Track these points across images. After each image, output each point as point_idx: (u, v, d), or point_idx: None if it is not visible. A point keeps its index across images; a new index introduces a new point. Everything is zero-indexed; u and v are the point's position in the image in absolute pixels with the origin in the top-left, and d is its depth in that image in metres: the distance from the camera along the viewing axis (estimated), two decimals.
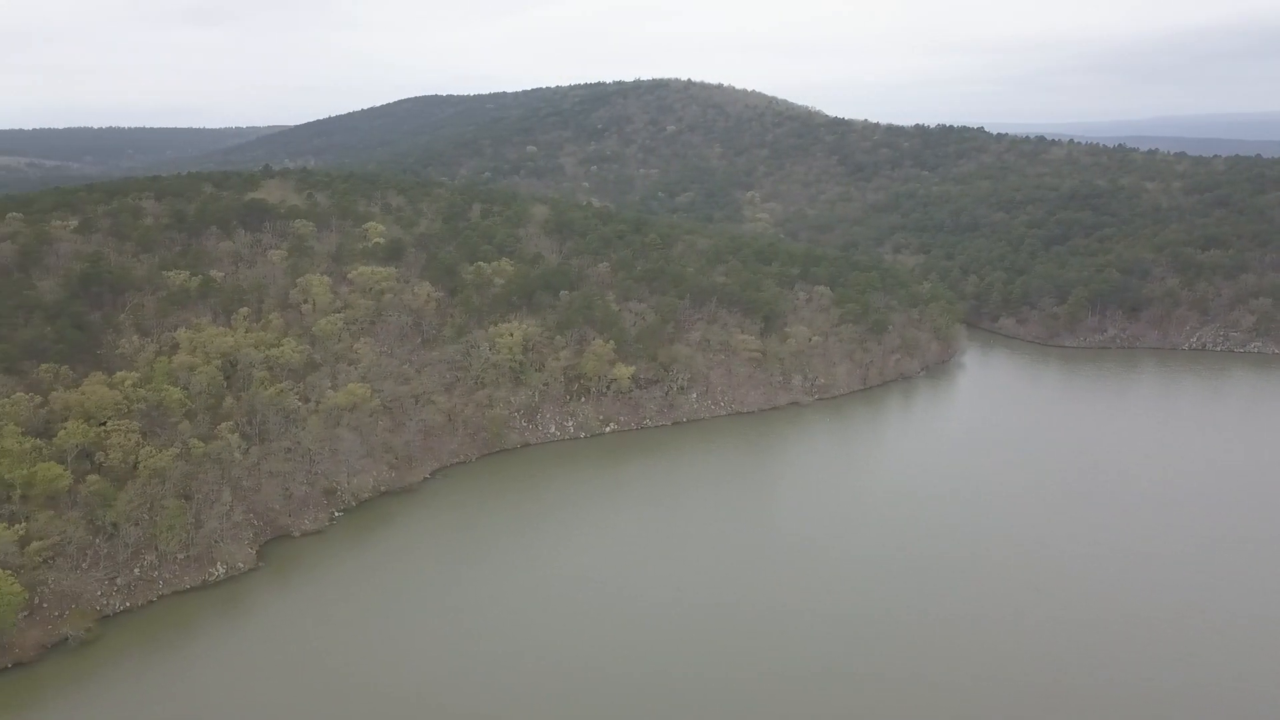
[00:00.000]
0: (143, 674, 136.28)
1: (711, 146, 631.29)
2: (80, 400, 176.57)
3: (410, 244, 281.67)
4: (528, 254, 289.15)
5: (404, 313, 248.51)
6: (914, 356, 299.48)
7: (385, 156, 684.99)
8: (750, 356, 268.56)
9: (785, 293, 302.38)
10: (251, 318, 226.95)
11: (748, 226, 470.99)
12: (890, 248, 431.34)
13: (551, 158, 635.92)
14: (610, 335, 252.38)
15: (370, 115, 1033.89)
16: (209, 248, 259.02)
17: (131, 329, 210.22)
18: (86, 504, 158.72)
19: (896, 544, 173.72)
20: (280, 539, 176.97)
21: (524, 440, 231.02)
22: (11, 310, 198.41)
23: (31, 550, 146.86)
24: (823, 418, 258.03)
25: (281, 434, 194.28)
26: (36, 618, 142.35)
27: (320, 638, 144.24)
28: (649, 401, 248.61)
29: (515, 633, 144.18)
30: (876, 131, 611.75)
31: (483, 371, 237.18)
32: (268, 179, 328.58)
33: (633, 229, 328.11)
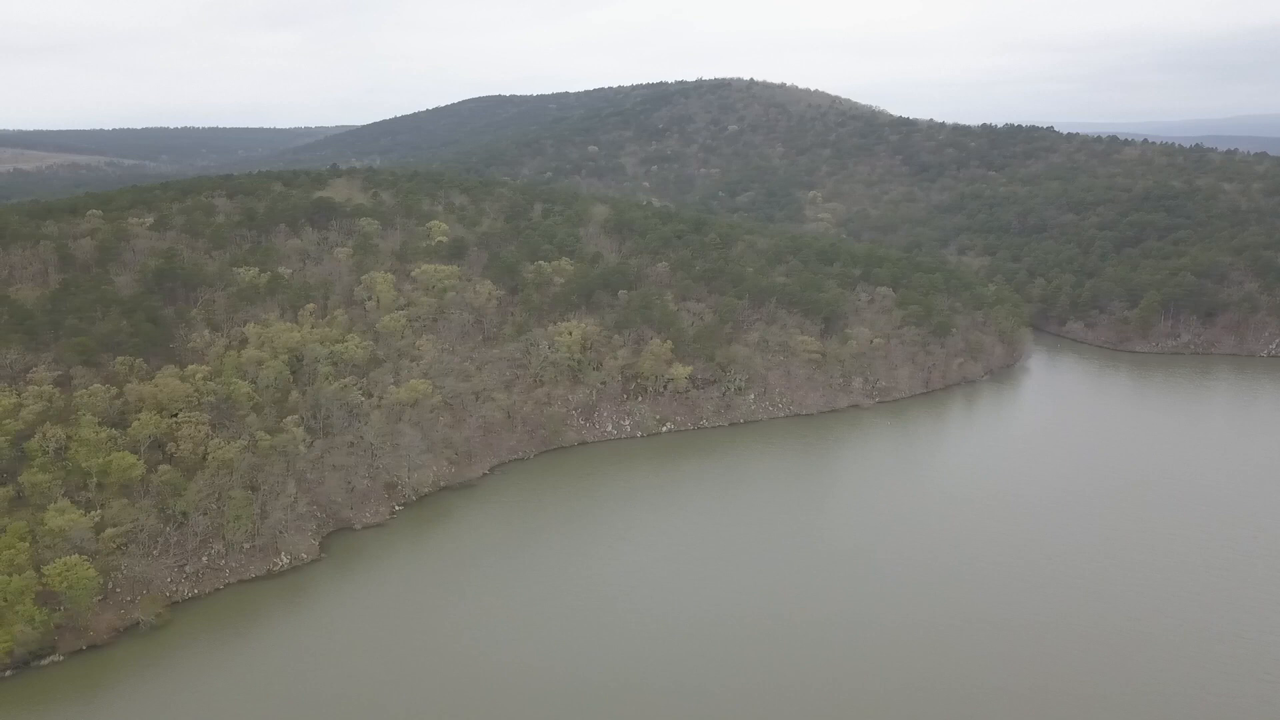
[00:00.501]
0: (210, 659, 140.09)
1: (773, 146, 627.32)
2: (153, 392, 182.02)
3: (473, 243, 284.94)
4: (587, 253, 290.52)
5: (465, 310, 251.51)
6: (978, 360, 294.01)
7: (449, 156, 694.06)
8: (810, 358, 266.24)
9: (846, 294, 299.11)
10: (317, 314, 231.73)
11: (809, 226, 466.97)
12: (955, 249, 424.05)
13: (612, 157, 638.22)
14: (668, 335, 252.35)
15: (435, 115, 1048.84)
16: (278, 245, 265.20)
17: (203, 324, 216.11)
18: (158, 493, 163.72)
19: (956, 552, 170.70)
20: (342, 531, 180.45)
21: (581, 438, 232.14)
22: (90, 304, 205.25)
23: (106, 537, 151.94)
24: (883, 421, 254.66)
25: (345, 428, 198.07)
26: (110, 602, 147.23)
27: (380, 628, 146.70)
28: (706, 402, 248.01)
29: (569, 629, 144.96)
30: (942, 131, 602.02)
31: (542, 369, 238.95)
32: (335, 178, 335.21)
33: (692, 229, 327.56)
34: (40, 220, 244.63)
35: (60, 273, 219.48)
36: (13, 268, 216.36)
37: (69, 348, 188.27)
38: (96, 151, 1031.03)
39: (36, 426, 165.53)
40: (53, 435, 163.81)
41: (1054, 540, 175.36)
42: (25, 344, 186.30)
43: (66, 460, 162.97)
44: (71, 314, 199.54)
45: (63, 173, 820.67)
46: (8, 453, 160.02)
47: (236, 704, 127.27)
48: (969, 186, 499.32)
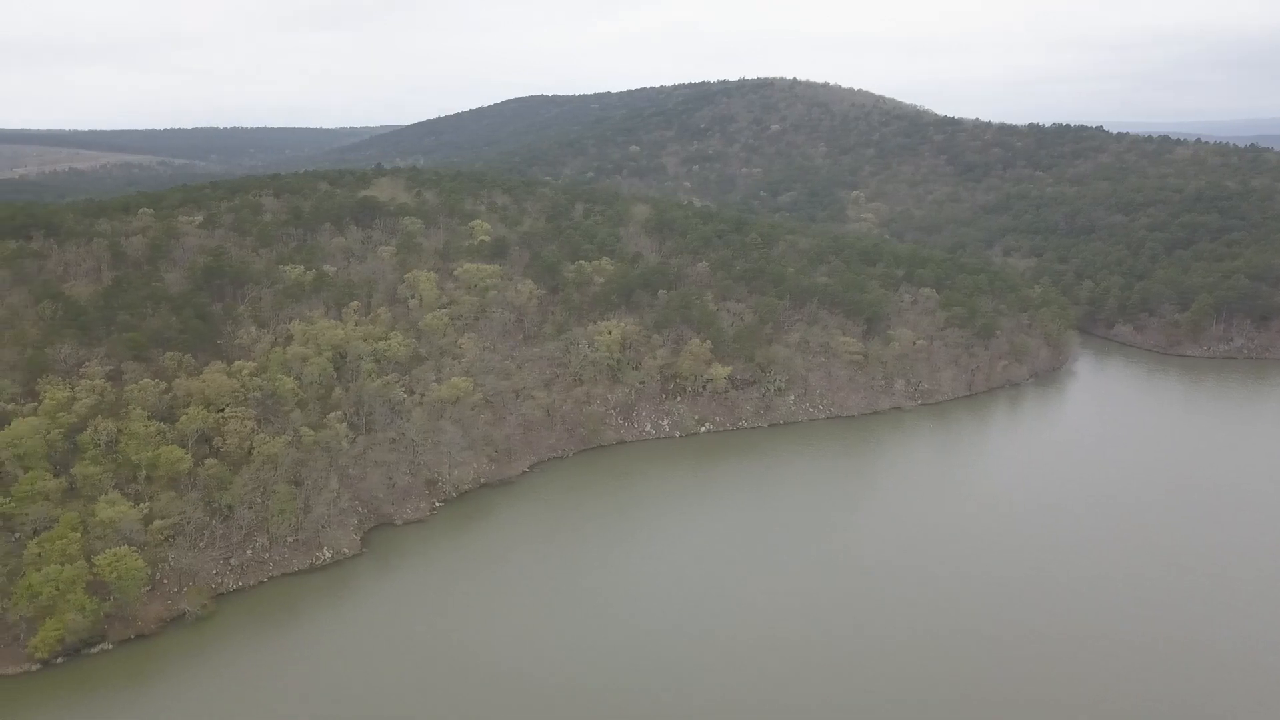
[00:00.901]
0: (254, 650, 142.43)
1: (816, 146, 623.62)
2: (201, 387, 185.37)
3: (514, 242, 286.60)
4: (628, 253, 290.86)
5: (507, 309, 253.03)
6: (1023, 363, 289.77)
7: (492, 156, 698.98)
8: (851, 359, 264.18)
9: (889, 294, 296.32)
10: (361, 311, 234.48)
11: (851, 226, 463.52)
12: (1000, 250, 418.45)
13: (654, 157, 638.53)
14: (708, 335, 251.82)
15: (478, 115, 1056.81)
16: (323, 243, 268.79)
17: (249, 320, 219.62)
18: (205, 486, 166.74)
19: (998, 559, 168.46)
20: (383, 526, 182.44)
21: (620, 437, 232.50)
22: (141, 301, 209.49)
23: (154, 528, 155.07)
24: (925, 424, 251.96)
25: (387, 425, 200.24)
26: (157, 593, 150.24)
27: (420, 623, 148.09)
28: (745, 402, 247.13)
29: (606, 629, 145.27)
30: (988, 131, 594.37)
31: (581, 368, 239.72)
32: (379, 177, 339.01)
33: (733, 228, 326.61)
34: (94, 218, 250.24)
35: (113, 270, 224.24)
36: (67, 265, 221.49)
37: (120, 343, 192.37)
38: (148, 151, 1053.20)
39: (89, 420, 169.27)
40: (104, 429, 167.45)
41: (1100, 548, 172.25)
42: (79, 339, 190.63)
43: (117, 453, 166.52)
44: (123, 310, 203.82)
45: (116, 172, 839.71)
46: (61, 445, 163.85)
47: (279, 695, 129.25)
48: (1015, 187, 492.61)
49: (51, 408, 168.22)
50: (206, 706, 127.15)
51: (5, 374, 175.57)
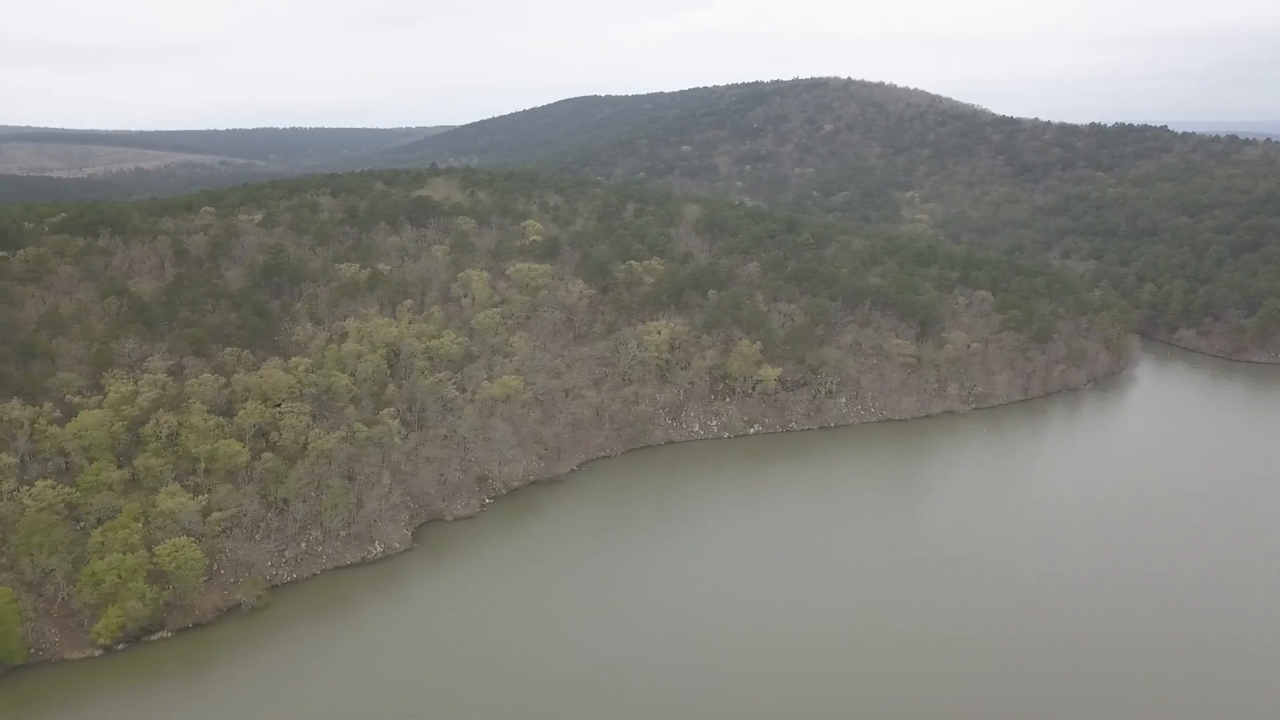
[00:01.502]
0: (308, 641, 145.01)
1: (870, 146, 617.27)
2: (259, 383, 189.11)
3: (566, 242, 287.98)
4: (678, 253, 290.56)
5: (557, 309, 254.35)
6: (1081, 367, 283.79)
7: (545, 156, 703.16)
8: (904, 362, 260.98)
9: (943, 297, 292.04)
10: (415, 310, 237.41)
11: (906, 227, 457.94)
12: (1059, 252, 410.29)
13: (706, 157, 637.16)
14: (758, 336, 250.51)
15: (532, 115, 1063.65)
16: (378, 242, 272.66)
17: (306, 317, 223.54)
18: (261, 480, 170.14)
19: (1053, 566, 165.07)
20: (434, 522, 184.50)
21: (668, 437, 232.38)
22: (202, 297, 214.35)
23: (212, 520, 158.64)
24: (980, 428, 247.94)
25: (439, 422, 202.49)
26: (214, 583, 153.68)
27: (468, 619, 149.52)
28: (795, 404, 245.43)
29: (654, 629, 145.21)
30: (1047, 130, 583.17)
31: (630, 368, 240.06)
32: (434, 177, 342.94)
33: (785, 228, 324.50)
34: (158, 217, 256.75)
35: (175, 267, 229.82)
36: (132, 262, 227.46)
37: (182, 339, 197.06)
38: (210, 151, 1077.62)
39: (151, 413, 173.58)
40: (165, 422, 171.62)
41: (1157, 556, 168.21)
42: (142, 334, 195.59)
43: (177, 446, 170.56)
44: (185, 306, 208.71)
45: (179, 171, 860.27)
46: (124, 437, 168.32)
47: (332, 686, 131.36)
48: (1075, 188, 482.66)
49: (116, 401, 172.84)
50: (261, 696, 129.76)
51: (73, 367, 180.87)
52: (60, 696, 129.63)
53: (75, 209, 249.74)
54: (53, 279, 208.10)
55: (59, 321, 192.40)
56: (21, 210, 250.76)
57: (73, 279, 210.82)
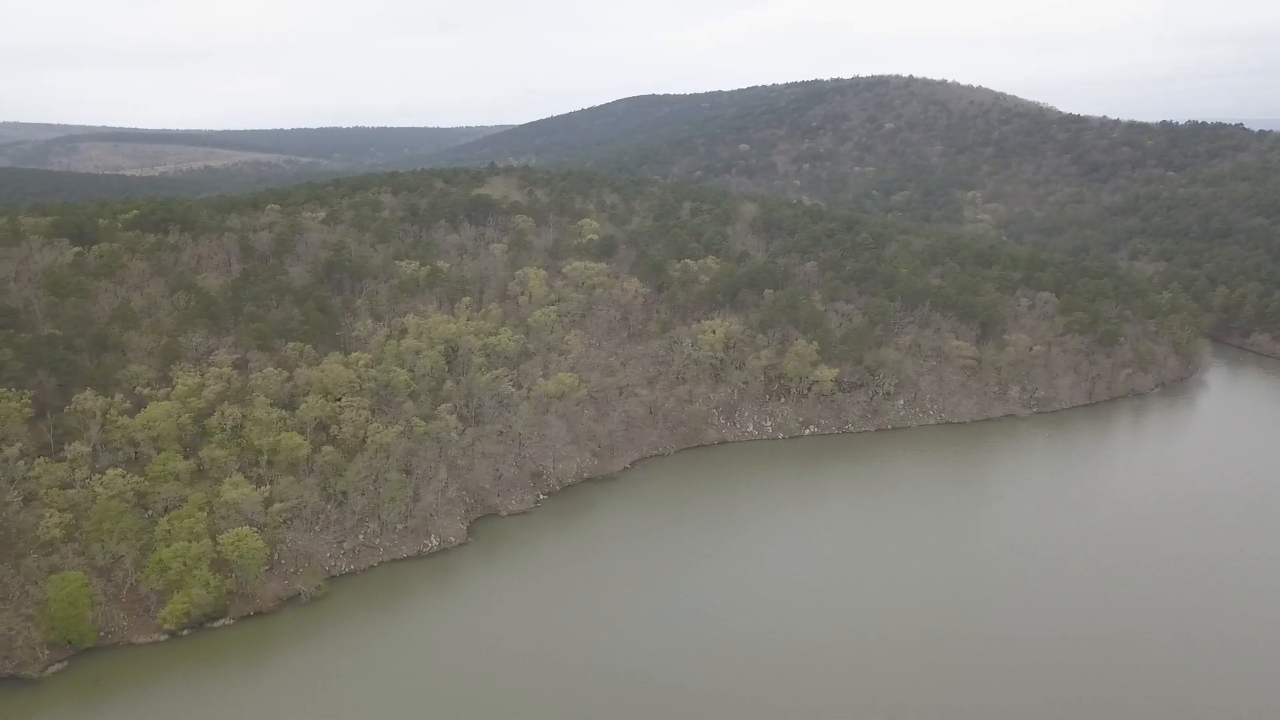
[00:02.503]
0: (365, 632, 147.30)
1: (932, 145, 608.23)
2: (320, 377, 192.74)
3: (622, 240, 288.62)
4: (734, 252, 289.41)
5: (613, 307, 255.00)
6: (1148, 372, 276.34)
7: (603, 155, 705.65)
8: (964, 364, 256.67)
9: (1005, 298, 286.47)
10: (473, 307, 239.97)
11: (967, 228, 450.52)
12: (1126, 254, 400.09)
13: (764, 156, 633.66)
14: (814, 336, 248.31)
15: (590, 115, 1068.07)
16: (437, 240, 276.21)
17: (366, 313, 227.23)
18: (321, 472, 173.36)
19: (1115, 575, 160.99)
20: (489, 517, 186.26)
21: (721, 437, 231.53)
22: (266, 293, 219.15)
23: (273, 511, 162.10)
24: (1041, 432, 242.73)
25: (495, 418, 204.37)
26: (275, 573, 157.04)
27: (522, 612, 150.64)
28: (852, 406, 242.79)
29: (708, 629, 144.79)
30: (1116, 129, 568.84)
31: (684, 367, 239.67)
32: (493, 176, 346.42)
33: (844, 228, 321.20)
34: (225, 214, 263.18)
35: (241, 263, 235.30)
36: (200, 258, 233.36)
37: (247, 333, 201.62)
38: (276, 150, 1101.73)
39: (216, 405, 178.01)
40: (230, 414, 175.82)
41: (1226, 568, 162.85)
42: (209, 329, 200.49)
43: (241, 438, 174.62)
44: (250, 301, 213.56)
45: (246, 170, 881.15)
46: (191, 429, 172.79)
47: (389, 675, 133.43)
48: (1145, 187, 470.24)
49: (183, 393, 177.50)
50: (319, 684, 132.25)
51: (143, 360, 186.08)
52: (128, 678, 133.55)
53: (147, 206, 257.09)
54: (125, 274, 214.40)
55: (130, 315, 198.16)
56: (96, 208, 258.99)
57: (144, 274, 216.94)
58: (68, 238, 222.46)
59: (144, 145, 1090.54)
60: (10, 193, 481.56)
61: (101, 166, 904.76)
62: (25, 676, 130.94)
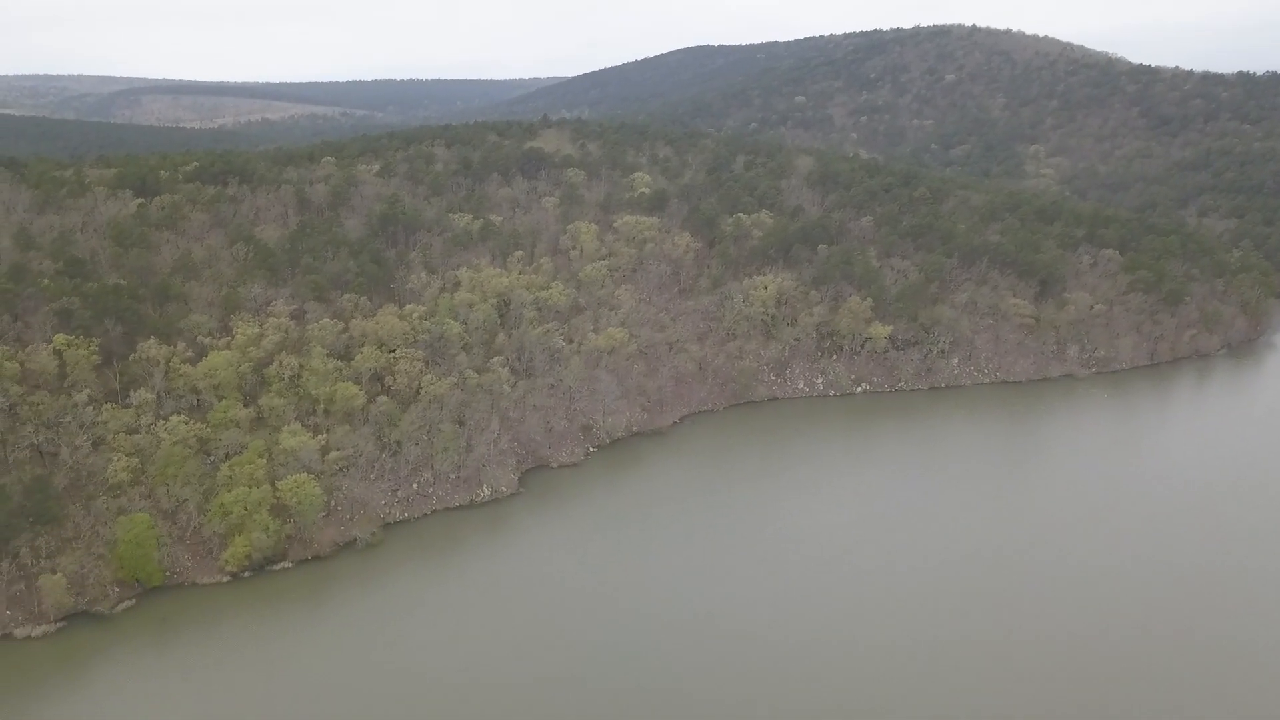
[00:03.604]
0: (419, 577, 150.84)
1: (994, 97, 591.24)
2: (375, 329, 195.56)
3: (674, 194, 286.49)
4: (788, 206, 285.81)
5: (664, 262, 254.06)
6: (1214, 332, 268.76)
7: (657, 107, 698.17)
8: (1022, 322, 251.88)
9: (1067, 255, 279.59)
10: (525, 260, 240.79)
11: (1029, 183, 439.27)
12: (1195, 210, 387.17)
13: (820, 108, 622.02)
14: (868, 292, 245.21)
15: (644, 66, 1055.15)
16: (490, 193, 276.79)
17: (420, 266, 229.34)
18: (376, 422, 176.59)
19: (1173, 543, 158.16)
20: (539, 469, 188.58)
21: (771, 394, 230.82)
22: (323, 245, 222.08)
23: (330, 459, 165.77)
24: (1100, 393, 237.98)
25: (546, 371, 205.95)
26: (332, 519, 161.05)
27: (571, 562, 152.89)
28: (905, 364, 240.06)
29: (755, 583, 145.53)
30: (1188, 80, 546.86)
31: (735, 323, 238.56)
32: (545, 129, 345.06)
33: (901, 182, 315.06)
34: (283, 166, 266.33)
35: (298, 215, 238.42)
36: (258, 209, 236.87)
37: (304, 285, 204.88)
38: (332, 103, 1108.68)
39: (275, 355, 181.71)
40: (288, 364, 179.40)
41: None
42: (267, 280, 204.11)
43: (299, 387, 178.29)
44: (307, 253, 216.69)
45: (303, 122, 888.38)
46: (250, 378, 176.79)
47: (441, 620, 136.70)
48: (1217, 142, 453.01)
49: (243, 343, 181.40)
50: (375, 627, 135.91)
51: (204, 310, 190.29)
52: (194, 616, 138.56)
53: (206, 159, 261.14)
54: (186, 225, 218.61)
55: (191, 266, 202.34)
56: (158, 160, 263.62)
57: (204, 226, 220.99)
58: (131, 189, 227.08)
59: (203, 98, 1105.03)
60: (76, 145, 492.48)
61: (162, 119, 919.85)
62: (97, 612, 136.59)
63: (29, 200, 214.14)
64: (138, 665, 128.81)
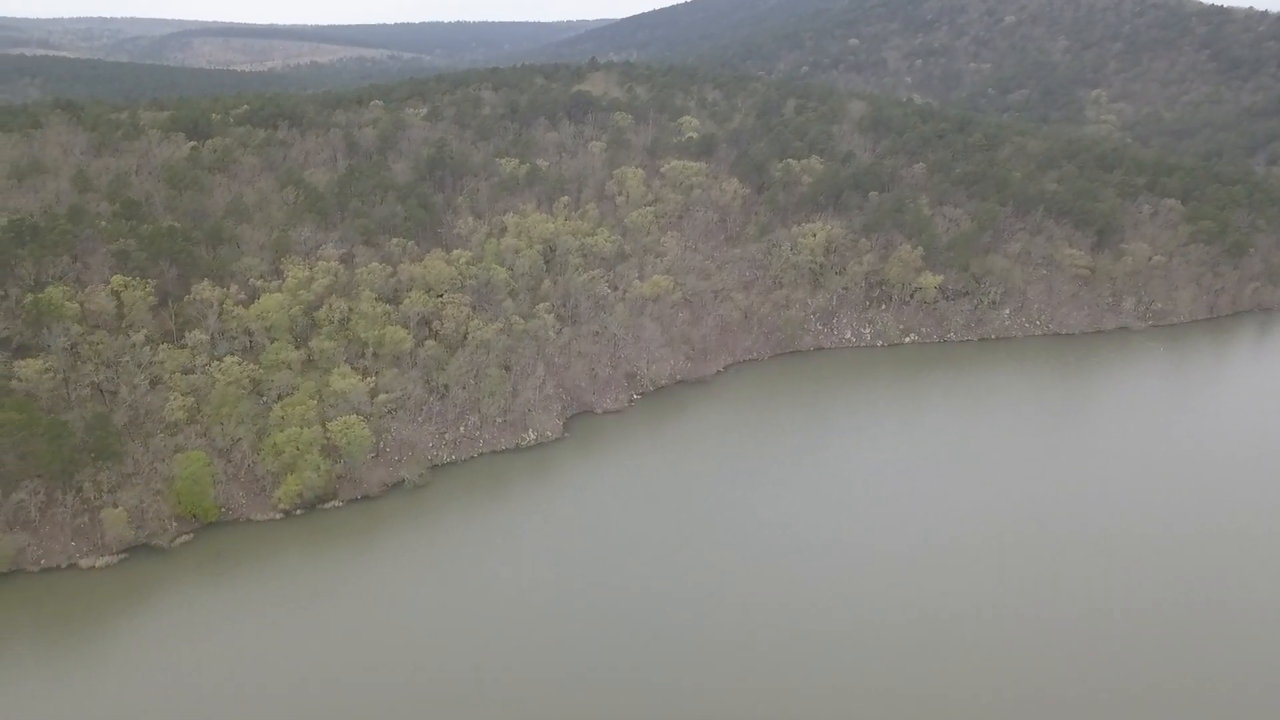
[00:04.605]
0: (465, 517, 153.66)
1: (1055, 39, 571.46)
2: (423, 273, 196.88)
3: (722, 139, 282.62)
4: (839, 152, 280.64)
5: (711, 208, 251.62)
6: (1279, 285, 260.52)
7: (706, 50, 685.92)
8: (1077, 273, 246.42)
9: (1126, 205, 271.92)
10: (571, 206, 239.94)
11: (1089, 129, 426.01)
12: (1265, 159, 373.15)
13: (874, 51, 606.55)
14: (919, 241, 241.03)
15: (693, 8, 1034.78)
16: (537, 137, 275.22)
17: (467, 210, 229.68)
18: (424, 366, 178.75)
19: (1230, 505, 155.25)
20: (584, 414, 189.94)
21: (818, 343, 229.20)
22: (371, 189, 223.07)
23: (379, 401, 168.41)
24: (1156, 347, 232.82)
25: (591, 318, 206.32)
26: (381, 460, 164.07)
27: (615, 506, 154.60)
28: (955, 314, 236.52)
29: (792, 530, 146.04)
30: (1263, 21, 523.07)
31: (782, 271, 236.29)
32: (593, 72, 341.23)
33: (955, 128, 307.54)
34: (331, 110, 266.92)
35: (346, 159, 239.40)
36: (308, 153, 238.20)
37: (352, 228, 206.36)
38: (380, 45, 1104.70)
39: (324, 298, 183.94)
40: (338, 307, 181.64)
41: None
42: (317, 223, 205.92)
43: (348, 330, 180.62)
44: (355, 197, 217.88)
45: (351, 65, 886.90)
46: (301, 320, 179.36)
47: (489, 559, 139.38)
48: None
49: (293, 285, 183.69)
50: (422, 566, 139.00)
51: (255, 253, 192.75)
52: (249, 551, 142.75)
53: (256, 102, 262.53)
54: (237, 169, 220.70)
55: (243, 209, 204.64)
56: (210, 103, 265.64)
57: (255, 169, 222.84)
58: (183, 132, 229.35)
59: (253, 40, 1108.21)
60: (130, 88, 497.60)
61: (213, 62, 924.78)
62: (156, 546, 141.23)
63: (86, 143, 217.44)
64: (195, 597, 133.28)
